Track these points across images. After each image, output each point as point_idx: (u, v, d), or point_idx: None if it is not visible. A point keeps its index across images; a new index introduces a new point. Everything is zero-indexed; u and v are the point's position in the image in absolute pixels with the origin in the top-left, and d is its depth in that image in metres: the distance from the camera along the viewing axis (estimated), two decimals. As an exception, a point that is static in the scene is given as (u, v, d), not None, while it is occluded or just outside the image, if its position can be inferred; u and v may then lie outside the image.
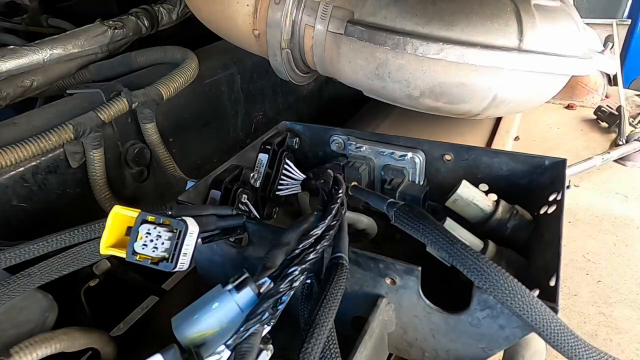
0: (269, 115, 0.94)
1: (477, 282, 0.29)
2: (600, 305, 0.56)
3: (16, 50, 0.66)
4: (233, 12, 0.62)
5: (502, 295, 0.29)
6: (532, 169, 0.48)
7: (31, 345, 0.33)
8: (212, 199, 0.49)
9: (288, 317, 0.45)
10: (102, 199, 0.62)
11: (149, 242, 0.30)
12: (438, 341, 0.37)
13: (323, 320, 0.29)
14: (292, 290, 0.30)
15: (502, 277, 0.29)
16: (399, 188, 0.53)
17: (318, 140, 0.59)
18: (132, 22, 0.81)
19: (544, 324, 0.28)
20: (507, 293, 0.28)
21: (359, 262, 0.36)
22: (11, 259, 0.37)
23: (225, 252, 0.44)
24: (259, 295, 0.29)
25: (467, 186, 0.46)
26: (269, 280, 0.30)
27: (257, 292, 0.29)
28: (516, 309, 0.28)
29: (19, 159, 0.51)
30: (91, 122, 0.58)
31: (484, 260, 0.30)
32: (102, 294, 0.53)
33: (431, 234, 0.33)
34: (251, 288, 0.29)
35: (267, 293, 0.29)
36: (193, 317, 0.29)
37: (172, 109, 0.72)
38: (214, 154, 0.80)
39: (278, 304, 0.29)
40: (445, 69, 0.56)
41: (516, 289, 0.29)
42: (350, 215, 0.41)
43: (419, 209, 0.35)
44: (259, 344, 0.28)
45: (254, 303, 0.28)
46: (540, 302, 0.28)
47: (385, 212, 0.39)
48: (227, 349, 0.26)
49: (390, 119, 0.99)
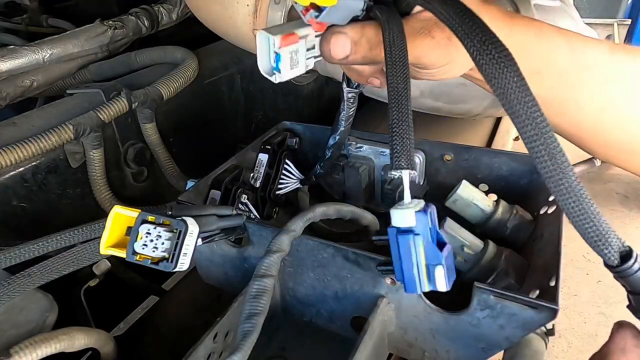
0: (269, 115, 0.94)
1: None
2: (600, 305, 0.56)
3: (16, 50, 0.66)
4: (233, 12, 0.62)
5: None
6: (532, 169, 0.48)
7: (31, 345, 0.33)
8: (212, 199, 0.49)
9: (288, 317, 0.46)
10: (102, 199, 0.62)
11: (149, 242, 0.30)
12: (438, 341, 0.37)
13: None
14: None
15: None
16: (399, 188, 0.53)
17: (318, 140, 0.59)
18: (132, 22, 0.81)
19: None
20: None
21: (359, 262, 0.36)
22: (11, 259, 0.37)
23: (225, 252, 0.44)
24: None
25: (467, 186, 0.46)
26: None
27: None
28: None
29: (19, 159, 0.51)
30: (91, 122, 0.58)
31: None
32: (102, 294, 0.53)
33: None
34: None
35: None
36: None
37: (172, 109, 0.72)
38: (214, 154, 0.80)
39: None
40: (445, 69, 0.56)
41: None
42: (354, 211, 0.41)
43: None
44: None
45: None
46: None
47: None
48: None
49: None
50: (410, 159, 0.26)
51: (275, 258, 0.33)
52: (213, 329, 0.35)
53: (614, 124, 0.28)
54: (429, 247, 0.28)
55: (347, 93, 0.46)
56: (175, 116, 0.73)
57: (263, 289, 0.31)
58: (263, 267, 0.32)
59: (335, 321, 0.42)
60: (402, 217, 0.28)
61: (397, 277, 0.30)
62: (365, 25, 0.32)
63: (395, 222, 0.29)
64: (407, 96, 0.28)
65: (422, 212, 0.28)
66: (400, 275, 0.29)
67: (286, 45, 0.31)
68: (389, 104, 0.28)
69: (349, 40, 0.31)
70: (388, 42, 0.29)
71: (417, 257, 0.28)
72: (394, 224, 0.29)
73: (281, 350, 0.44)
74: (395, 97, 0.27)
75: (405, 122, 0.27)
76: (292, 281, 0.42)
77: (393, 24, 0.30)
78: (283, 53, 0.31)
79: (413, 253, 0.28)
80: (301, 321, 0.45)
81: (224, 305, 0.37)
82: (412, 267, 0.28)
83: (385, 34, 0.29)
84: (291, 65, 0.32)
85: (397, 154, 0.26)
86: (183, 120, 0.75)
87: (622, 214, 0.75)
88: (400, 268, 0.29)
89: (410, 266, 0.28)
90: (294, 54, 0.32)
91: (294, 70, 0.33)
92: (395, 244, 0.29)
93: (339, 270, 0.38)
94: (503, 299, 0.32)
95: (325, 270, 0.39)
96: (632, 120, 0.39)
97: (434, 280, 0.28)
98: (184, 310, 0.54)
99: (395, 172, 0.27)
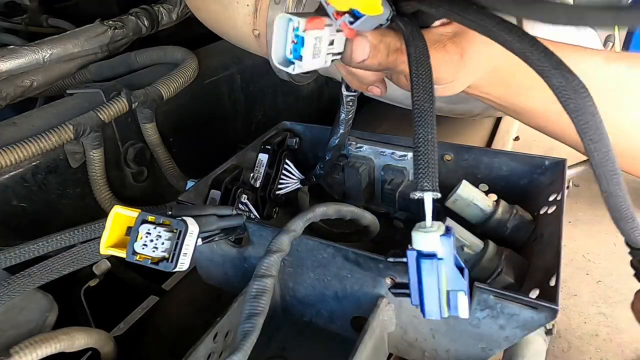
0: (269, 115, 0.94)
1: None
2: (600, 305, 0.56)
3: (16, 50, 0.66)
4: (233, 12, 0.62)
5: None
6: (532, 169, 0.48)
7: (31, 345, 0.33)
8: (212, 199, 0.49)
9: (288, 317, 0.46)
10: (102, 199, 0.62)
11: (149, 242, 0.30)
12: (438, 341, 0.37)
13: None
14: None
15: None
16: (399, 188, 0.53)
17: (318, 140, 0.59)
18: (132, 22, 0.81)
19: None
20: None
21: (359, 262, 0.36)
22: (11, 259, 0.37)
23: (225, 252, 0.44)
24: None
25: (467, 186, 0.46)
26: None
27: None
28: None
29: (19, 159, 0.51)
30: (91, 122, 0.58)
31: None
32: (102, 294, 0.54)
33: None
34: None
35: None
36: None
37: (172, 109, 0.72)
38: (214, 154, 0.80)
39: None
40: (445, 69, 0.56)
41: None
42: (354, 211, 0.41)
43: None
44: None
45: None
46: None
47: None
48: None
49: (390, 119, 0.99)
50: (434, 180, 0.26)
51: (275, 258, 0.33)
52: (213, 329, 0.35)
53: (613, 131, 0.29)
54: (451, 272, 0.27)
55: (346, 97, 0.46)
56: (175, 116, 0.73)
57: (263, 289, 0.31)
58: (263, 267, 0.32)
59: (335, 321, 0.42)
60: (425, 240, 0.27)
61: (413, 302, 0.28)
62: (385, 31, 0.32)
63: (417, 245, 0.28)
64: (433, 114, 0.27)
65: (446, 236, 0.27)
66: (417, 300, 0.28)
67: (312, 29, 0.29)
68: (413, 122, 0.27)
69: (369, 44, 0.32)
70: (414, 58, 0.29)
71: (439, 283, 0.27)
72: (416, 247, 0.28)
73: (281, 350, 0.44)
74: (421, 115, 0.27)
75: (430, 142, 0.26)
76: (292, 281, 0.42)
77: (417, 40, 0.29)
78: (307, 37, 0.29)
79: (436, 278, 0.27)
80: (301, 321, 0.45)
81: (224, 305, 0.37)
82: (434, 293, 0.27)
83: (411, 49, 0.29)
84: (313, 54, 0.30)
85: (421, 175, 0.26)
86: (183, 120, 0.75)
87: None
88: (418, 292, 0.28)
89: (432, 291, 0.27)
90: (318, 41, 0.30)
91: (315, 60, 0.30)
92: (415, 268, 0.28)
93: (339, 270, 0.38)
94: (503, 299, 0.32)
95: (325, 270, 0.39)
96: (631, 127, 0.40)
97: (456, 307, 0.27)
98: (184, 310, 0.54)
99: (417, 193, 0.26)
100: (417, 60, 0.29)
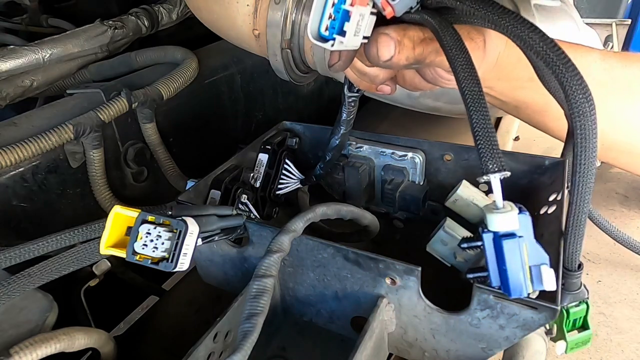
0: (269, 115, 0.94)
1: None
2: (600, 305, 0.56)
3: (16, 50, 0.66)
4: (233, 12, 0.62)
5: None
6: (532, 169, 0.48)
7: (31, 345, 0.33)
8: (212, 199, 0.49)
9: (288, 317, 0.45)
10: (102, 199, 0.62)
11: (149, 242, 0.30)
12: (438, 341, 0.37)
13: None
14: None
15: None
16: (399, 188, 0.53)
17: (318, 140, 0.59)
18: (132, 22, 0.81)
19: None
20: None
21: (359, 262, 0.36)
22: (11, 259, 0.37)
23: (225, 252, 0.44)
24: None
25: (467, 186, 0.46)
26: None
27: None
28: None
29: (19, 159, 0.51)
30: (91, 122, 0.58)
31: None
32: (102, 294, 0.54)
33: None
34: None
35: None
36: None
37: (172, 109, 0.72)
38: (214, 154, 0.80)
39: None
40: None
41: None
42: (354, 211, 0.41)
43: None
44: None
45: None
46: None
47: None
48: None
49: (390, 119, 0.99)
50: (499, 160, 0.26)
51: (275, 258, 0.33)
52: (213, 329, 0.35)
53: (610, 127, 0.29)
54: (532, 247, 0.28)
55: (348, 97, 0.46)
56: (175, 116, 0.73)
57: (263, 289, 0.31)
58: (263, 267, 0.32)
59: (335, 321, 0.42)
60: (504, 220, 0.27)
61: (493, 283, 0.29)
62: (406, 26, 0.32)
63: (496, 227, 0.28)
64: (483, 96, 0.27)
65: (523, 213, 0.28)
66: (497, 281, 0.28)
67: (359, 4, 0.28)
68: (467, 109, 0.27)
69: (393, 41, 0.31)
70: (450, 45, 0.28)
71: (522, 260, 0.28)
72: (495, 229, 0.28)
73: (281, 350, 0.44)
74: (472, 100, 0.27)
75: (487, 124, 0.26)
76: (292, 281, 0.42)
77: (447, 28, 0.29)
78: (354, 12, 0.28)
79: (519, 256, 0.27)
80: (301, 321, 0.45)
81: (224, 305, 0.37)
82: (519, 271, 0.28)
83: (444, 38, 0.29)
84: (355, 32, 0.29)
85: (486, 157, 0.26)
86: (183, 120, 0.75)
87: (622, 214, 0.75)
88: (497, 273, 0.28)
89: (517, 270, 0.28)
90: (361, 19, 0.29)
91: (355, 39, 0.29)
92: (493, 249, 0.28)
93: (339, 270, 0.38)
94: (503, 299, 0.32)
95: (325, 270, 0.39)
96: (627, 123, 0.40)
97: (540, 280, 0.28)
98: (184, 310, 0.54)
99: (485, 177, 0.26)
100: (454, 46, 0.28)
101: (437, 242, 0.40)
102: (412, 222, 0.55)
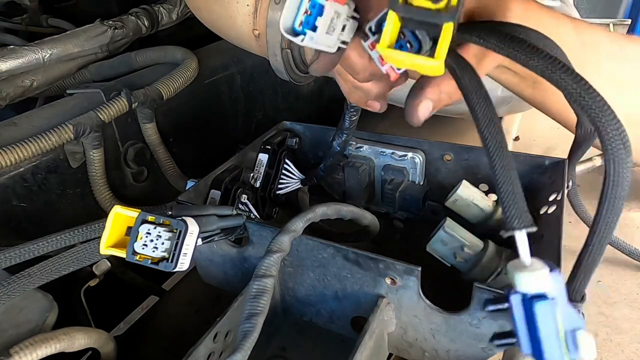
0: (269, 115, 0.94)
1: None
2: (600, 305, 0.56)
3: (16, 50, 0.66)
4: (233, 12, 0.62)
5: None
6: (532, 169, 0.48)
7: (31, 345, 0.33)
8: (212, 199, 0.49)
9: (288, 317, 0.46)
10: (102, 199, 0.62)
11: (149, 242, 0.30)
12: (438, 341, 0.37)
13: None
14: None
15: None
16: (399, 188, 0.53)
17: (318, 140, 0.59)
18: (132, 22, 0.81)
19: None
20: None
21: (359, 262, 0.36)
22: (11, 259, 0.37)
23: (225, 252, 0.44)
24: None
25: (467, 186, 0.46)
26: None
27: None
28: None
29: (19, 159, 0.51)
30: (91, 122, 0.58)
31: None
32: (102, 294, 0.53)
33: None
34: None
35: None
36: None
37: (172, 109, 0.72)
38: (214, 154, 0.80)
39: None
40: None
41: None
42: (354, 211, 0.41)
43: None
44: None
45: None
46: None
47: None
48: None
49: (390, 119, 0.99)
50: (525, 215, 0.24)
51: (275, 258, 0.33)
52: (213, 329, 0.35)
53: (617, 98, 0.29)
54: (566, 310, 0.24)
55: (350, 104, 0.46)
56: (175, 116, 0.73)
57: (263, 289, 0.31)
58: (263, 267, 0.32)
59: (335, 321, 0.42)
60: (534, 280, 0.24)
61: (525, 350, 0.25)
62: (439, 81, 0.32)
63: (525, 287, 0.24)
64: (507, 148, 0.26)
65: (554, 271, 0.24)
66: (529, 348, 0.24)
67: (335, 1, 0.27)
68: (490, 162, 0.25)
69: (432, 103, 0.32)
70: (474, 100, 0.27)
71: (556, 325, 0.24)
72: (524, 290, 0.24)
73: (281, 350, 0.44)
74: (497, 153, 0.25)
75: (512, 177, 0.25)
76: (292, 281, 0.42)
77: (467, 78, 0.28)
78: (328, 7, 0.27)
79: (553, 321, 0.24)
80: (301, 321, 0.45)
81: (224, 305, 0.37)
82: (554, 338, 0.24)
83: (469, 96, 0.27)
84: (328, 30, 0.28)
85: (511, 214, 0.24)
86: (183, 120, 0.75)
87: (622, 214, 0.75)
88: (528, 339, 0.24)
89: (552, 337, 0.24)
90: (336, 16, 0.28)
91: (327, 37, 0.29)
92: (522, 312, 0.24)
93: (339, 270, 0.38)
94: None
95: (325, 270, 0.39)
96: (635, 95, 0.40)
97: (576, 347, 0.24)
98: (184, 310, 0.54)
99: (509, 232, 0.24)
100: (478, 102, 0.27)
101: (437, 242, 0.40)
102: (412, 222, 0.55)
